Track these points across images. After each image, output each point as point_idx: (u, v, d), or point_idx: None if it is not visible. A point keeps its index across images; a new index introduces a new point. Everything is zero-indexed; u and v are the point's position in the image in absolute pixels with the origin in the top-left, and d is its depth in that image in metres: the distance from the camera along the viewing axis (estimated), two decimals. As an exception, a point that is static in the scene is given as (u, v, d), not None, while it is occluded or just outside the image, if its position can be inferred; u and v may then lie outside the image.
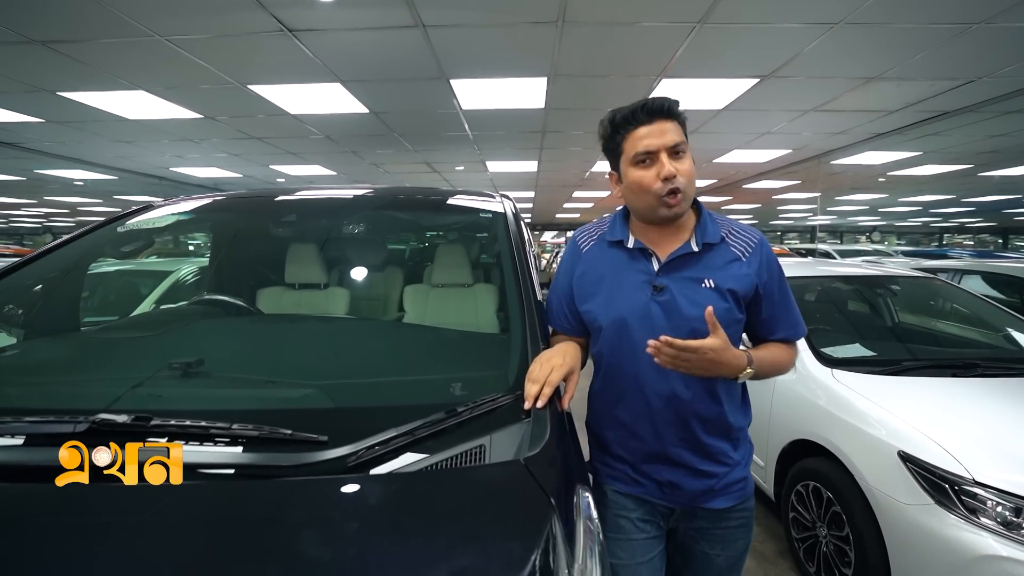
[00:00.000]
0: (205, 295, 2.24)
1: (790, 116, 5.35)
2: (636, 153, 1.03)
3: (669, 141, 1.01)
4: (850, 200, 13.60)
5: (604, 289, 1.12)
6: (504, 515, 0.79)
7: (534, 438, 0.92)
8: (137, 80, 4.14)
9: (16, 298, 1.50)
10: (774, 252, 1.13)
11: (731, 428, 1.12)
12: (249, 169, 8.51)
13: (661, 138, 1.01)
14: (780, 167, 8.43)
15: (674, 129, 1.02)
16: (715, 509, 1.13)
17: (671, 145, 1.02)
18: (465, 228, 2.33)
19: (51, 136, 6.06)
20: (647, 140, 1.02)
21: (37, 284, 1.58)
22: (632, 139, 1.04)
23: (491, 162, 8.23)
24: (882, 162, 7.74)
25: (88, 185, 9.85)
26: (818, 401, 2.20)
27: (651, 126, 1.02)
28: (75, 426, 0.82)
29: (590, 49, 3.60)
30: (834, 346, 2.47)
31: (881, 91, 4.44)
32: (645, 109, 1.02)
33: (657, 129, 1.02)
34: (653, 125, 1.02)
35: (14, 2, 2.86)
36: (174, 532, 0.74)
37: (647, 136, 1.02)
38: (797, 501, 2.25)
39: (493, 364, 1.18)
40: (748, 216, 19.26)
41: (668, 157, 1.02)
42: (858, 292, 3.22)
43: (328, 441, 0.86)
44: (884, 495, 1.81)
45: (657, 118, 1.02)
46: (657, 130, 1.02)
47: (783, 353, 1.14)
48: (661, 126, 1.02)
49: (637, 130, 1.03)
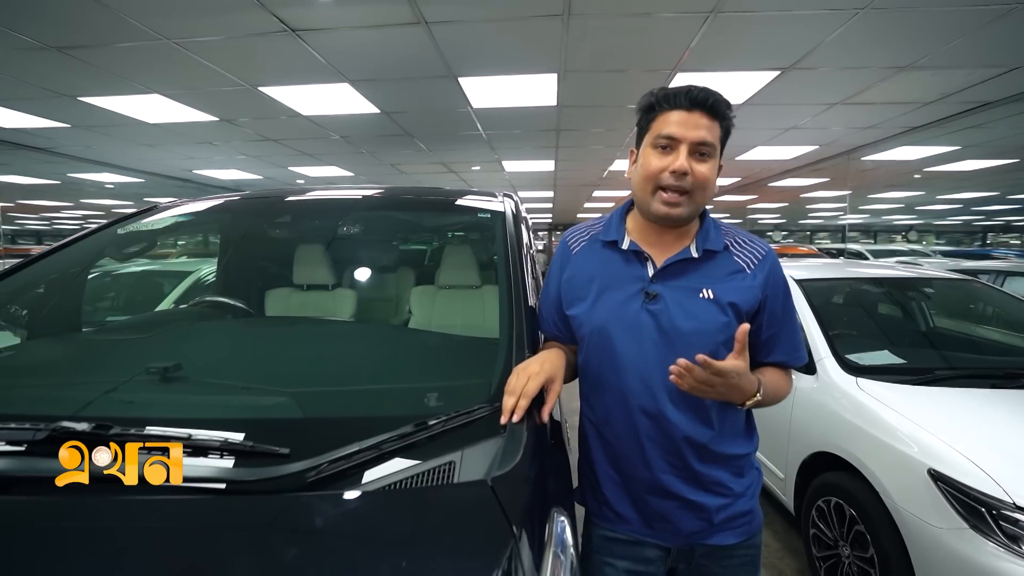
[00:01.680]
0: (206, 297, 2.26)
1: (816, 110, 5.12)
2: (659, 135, 0.95)
3: (697, 137, 0.93)
4: (884, 198, 13.09)
5: (593, 293, 1.02)
6: (459, 543, 0.72)
7: (505, 456, 0.85)
8: (151, 83, 4.21)
9: (18, 298, 1.50)
10: (781, 264, 1.04)
11: (727, 456, 1.00)
12: (268, 171, 8.66)
13: (691, 130, 0.93)
14: (807, 164, 8.13)
15: (709, 127, 0.94)
16: (715, 546, 1.01)
17: (697, 141, 0.93)
18: (464, 228, 2.29)
19: (78, 140, 6.26)
20: (675, 127, 0.94)
21: (38, 285, 1.58)
22: (661, 120, 0.95)
23: (507, 162, 8.17)
24: (917, 157, 7.37)
25: (118, 188, 10.19)
26: (842, 412, 2.07)
27: (688, 114, 0.93)
28: (34, 434, 0.79)
29: (599, 43, 3.49)
30: (860, 353, 2.33)
31: (914, 81, 4.19)
32: (689, 95, 0.94)
33: (692, 120, 0.93)
34: (691, 114, 0.93)
35: (28, 9, 2.92)
36: (101, 545, 0.70)
37: (677, 123, 0.93)
38: (818, 517, 2.12)
39: (476, 372, 1.11)
40: (775, 215, 18.75)
41: (689, 153, 0.93)
42: (888, 295, 3.03)
43: (290, 454, 0.81)
44: (912, 516, 1.67)
45: (697, 109, 0.93)
46: (691, 121, 0.93)
47: (781, 380, 1.04)
48: (697, 119, 0.93)
49: (671, 113, 0.94)
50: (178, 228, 2.13)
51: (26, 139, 6.16)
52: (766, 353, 1.03)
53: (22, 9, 2.92)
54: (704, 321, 0.95)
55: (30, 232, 18.49)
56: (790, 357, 1.04)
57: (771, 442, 2.50)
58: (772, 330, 1.01)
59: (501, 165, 8.44)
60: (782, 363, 1.05)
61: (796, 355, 1.05)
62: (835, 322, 2.55)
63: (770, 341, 1.02)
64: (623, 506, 1.03)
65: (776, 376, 1.03)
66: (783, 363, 1.05)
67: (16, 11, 2.94)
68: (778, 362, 1.04)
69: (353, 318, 1.79)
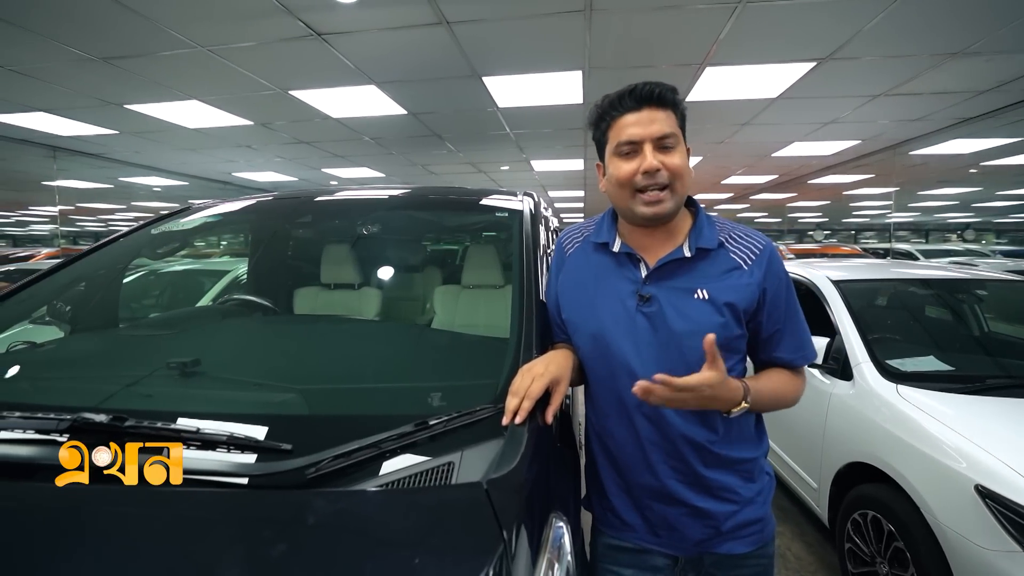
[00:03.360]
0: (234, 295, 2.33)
1: (857, 103, 4.87)
2: (619, 143, 0.94)
3: (656, 132, 0.91)
4: (935, 195, 12.39)
5: (586, 297, 1.01)
6: (446, 545, 0.71)
7: (504, 458, 0.83)
8: (188, 90, 4.40)
9: (61, 295, 1.57)
10: (782, 257, 0.99)
11: (734, 460, 0.96)
12: (303, 173, 8.92)
13: (648, 127, 0.92)
14: (849, 160, 7.76)
15: (665, 119, 0.92)
16: (724, 555, 0.97)
17: (658, 136, 0.92)
18: (484, 228, 2.28)
19: (127, 145, 6.62)
20: (632, 129, 0.92)
21: (78, 283, 1.65)
22: (617, 127, 0.94)
23: (536, 161, 8.15)
24: (972, 151, 6.92)
25: (164, 191, 10.72)
26: (880, 420, 1.95)
27: (639, 114, 0.92)
28: (58, 423, 0.82)
29: (623, 38, 3.42)
30: (902, 358, 2.19)
31: (966, 69, 3.92)
32: (633, 95, 0.93)
33: (645, 118, 0.92)
34: (641, 113, 0.92)
35: (77, 22, 3.10)
36: (100, 538, 0.72)
37: (633, 125, 0.92)
38: (854, 531, 2.01)
39: (483, 372, 1.10)
40: (816, 214, 18.00)
41: (654, 149, 0.92)
42: (937, 297, 2.84)
43: (292, 450, 0.82)
44: (957, 535, 1.56)
45: (646, 105, 0.92)
46: (645, 119, 0.92)
47: (787, 383, 0.98)
48: (650, 114, 0.92)
49: (623, 118, 0.94)
50: (209, 228, 2.20)
51: (82, 145, 6.56)
52: (769, 351, 0.99)
53: (72, 23, 3.12)
54: (698, 323, 0.91)
55: (89, 234, 19.70)
56: (795, 355, 0.99)
57: (804, 450, 2.39)
58: (774, 327, 0.97)
59: (530, 165, 8.42)
60: (787, 362, 1.00)
61: (802, 353, 1.00)
62: (875, 325, 2.42)
63: (773, 339, 0.98)
64: (628, 513, 1.00)
65: (779, 379, 0.99)
66: (788, 362, 1.00)
67: (68, 25, 3.14)
68: (783, 361, 1.00)
69: (379, 317, 1.81)
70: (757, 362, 1.03)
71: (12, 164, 7.58)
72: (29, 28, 3.16)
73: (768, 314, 0.96)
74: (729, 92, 4.51)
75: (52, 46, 3.40)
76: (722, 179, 10.08)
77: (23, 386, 1.19)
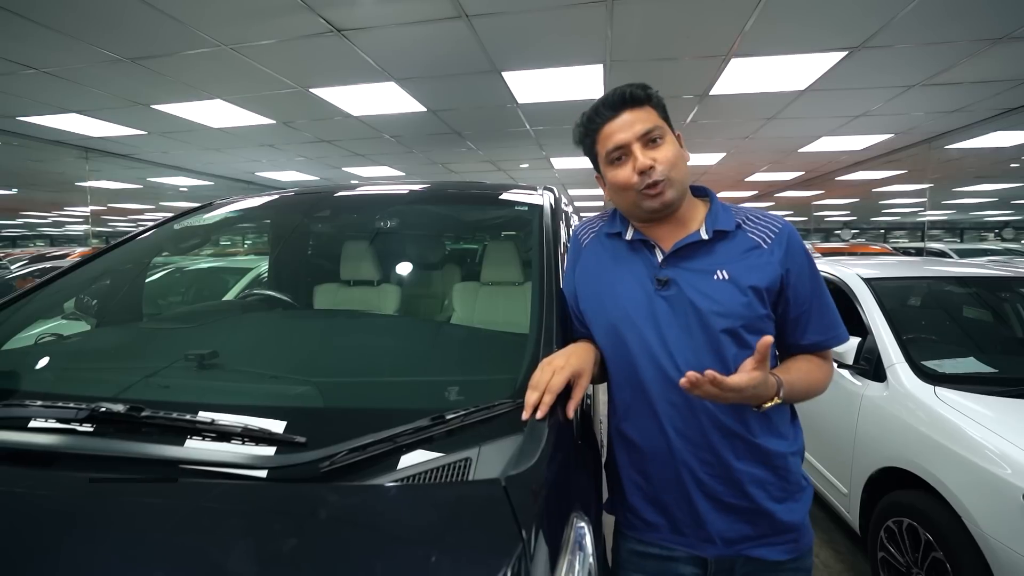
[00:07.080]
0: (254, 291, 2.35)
1: (890, 94, 4.68)
2: (608, 151, 0.95)
3: (639, 131, 0.93)
4: (973, 191, 11.90)
5: (604, 285, 1.00)
6: (463, 543, 0.68)
7: (523, 455, 0.80)
8: (212, 89, 4.47)
9: (85, 289, 1.61)
10: (803, 242, 0.97)
11: (767, 452, 0.91)
12: (325, 172, 9.04)
13: (629, 130, 0.93)
14: (880, 155, 7.50)
15: (644, 116, 0.94)
16: (759, 560, 0.92)
17: (642, 134, 0.93)
18: (504, 223, 2.26)
19: (154, 146, 6.79)
20: (616, 136, 0.94)
21: (104, 278, 1.69)
22: (602, 138, 0.96)
23: (556, 159, 8.10)
24: (1014, 144, 6.61)
25: (191, 191, 10.98)
26: (916, 424, 1.87)
27: (618, 120, 0.94)
28: (76, 412, 0.83)
29: (645, 30, 3.35)
30: (940, 359, 2.10)
31: (1011, 55, 3.72)
32: (606, 103, 0.95)
33: (624, 121, 0.94)
34: (619, 118, 0.94)
35: (105, 24, 3.18)
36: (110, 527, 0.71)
37: (615, 131, 0.94)
38: (888, 539, 1.93)
39: (502, 367, 1.08)
40: (844, 212, 17.49)
41: (642, 148, 0.93)
42: (977, 296, 2.71)
43: (306, 443, 0.80)
44: (1003, 546, 1.48)
45: (622, 109, 0.94)
46: (624, 122, 0.94)
47: (816, 370, 0.96)
48: (629, 116, 0.94)
49: (605, 127, 0.96)
50: (230, 224, 2.23)
51: (112, 146, 6.75)
52: (799, 335, 0.97)
53: (100, 24, 3.20)
54: (720, 302, 0.91)
55: (120, 234, 20.36)
56: (827, 336, 0.97)
57: (833, 454, 2.30)
58: (801, 308, 0.95)
59: (550, 162, 8.37)
60: (819, 343, 0.97)
61: (834, 333, 0.97)
62: (910, 325, 2.33)
63: (800, 320, 0.96)
64: (650, 511, 0.97)
65: (808, 367, 0.96)
66: (820, 343, 0.97)
67: (96, 27, 3.23)
68: (814, 343, 0.97)
69: (397, 313, 1.80)
70: (785, 347, 1.00)
71: (49, 165, 7.86)
72: (62, 31, 3.25)
73: (793, 294, 0.94)
74: (755, 85, 4.39)
75: (84, 48, 3.49)
76: (746, 176, 9.86)
77: (46, 376, 1.21)
